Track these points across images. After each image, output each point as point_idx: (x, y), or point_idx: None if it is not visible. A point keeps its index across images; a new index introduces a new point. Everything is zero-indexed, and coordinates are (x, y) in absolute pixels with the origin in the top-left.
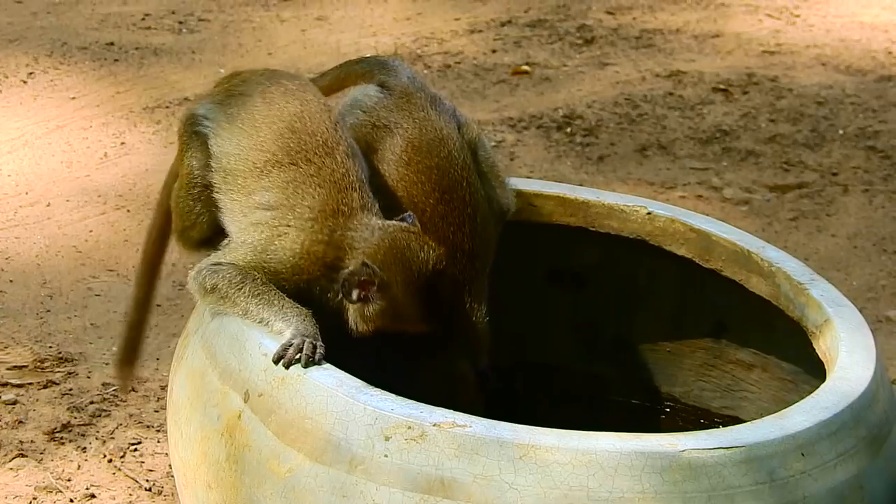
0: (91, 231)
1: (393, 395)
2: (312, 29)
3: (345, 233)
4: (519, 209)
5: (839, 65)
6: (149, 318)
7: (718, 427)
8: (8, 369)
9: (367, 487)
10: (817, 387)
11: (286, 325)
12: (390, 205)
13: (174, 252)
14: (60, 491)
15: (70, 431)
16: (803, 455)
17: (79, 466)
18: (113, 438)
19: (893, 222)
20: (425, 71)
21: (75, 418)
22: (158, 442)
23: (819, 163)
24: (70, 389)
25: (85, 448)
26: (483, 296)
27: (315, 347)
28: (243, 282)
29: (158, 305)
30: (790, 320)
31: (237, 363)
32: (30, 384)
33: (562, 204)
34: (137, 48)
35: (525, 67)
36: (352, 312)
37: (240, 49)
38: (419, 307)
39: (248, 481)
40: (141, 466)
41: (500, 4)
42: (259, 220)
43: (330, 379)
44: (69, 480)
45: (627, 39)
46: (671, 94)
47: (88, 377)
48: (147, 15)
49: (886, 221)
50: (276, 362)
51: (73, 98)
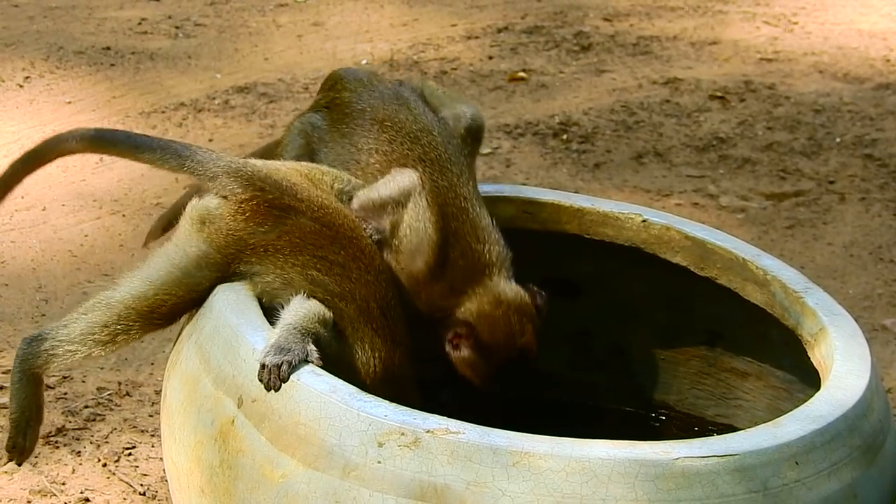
0: (87, 235)
1: (386, 402)
2: (309, 35)
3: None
4: (513, 216)
5: (837, 72)
6: None
7: (713, 435)
8: (3, 373)
9: (361, 493)
10: (812, 395)
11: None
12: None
13: None
14: (55, 495)
15: (65, 435)
16: (797, 464)
17: (73, 470)
18: (107, 443)
19: (890, 231)
20: (421, 77)
21: (70, 422)
22: (153, 446)
23: (816, 171)
24: (65, 394)
25: (79, 452)
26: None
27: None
28: None
29: None
30: (785, 329)
31: (231, 369)
32: None
33: (557, 211)
34: (134, 53)
35: (521, 74)
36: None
37: (236, 54)
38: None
39: (242, 487)
40: (135, 471)
41: (497, 11)
42: None
43: (324, 385)
44: (63, 484)
45: (624, 46)
46: (668, 102)
47: (83, 381)
48: (143, 20)
49: (883, 230)
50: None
51: (70, 102)
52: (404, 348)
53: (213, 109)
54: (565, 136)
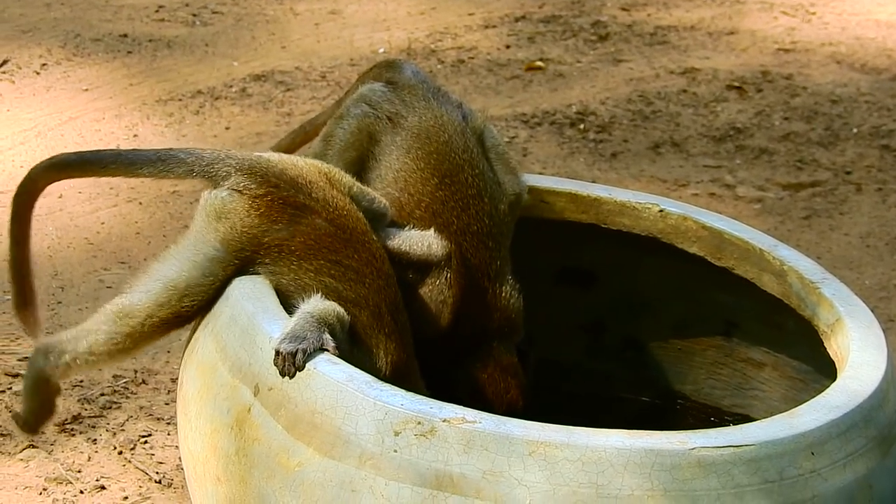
0: (103, 223)
1: (402, 391)
2: (326, 23)
3: None
4: (531, 206)
5: (854, 63)
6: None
7: (729, 425)
8: (19, 360)
9: (377, 482)
10: (828, 386)
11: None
12: (392, 195)
13: None
14: (70, 482)
15: (80, 423)
16: (813, 454)
17: (89, 458)
18: (123, 430)
19: None
20: (439, 66)
21: (86, 410)
22: (169, 434)
23: (833, 161)
24: (80, 381)
25: (95, 440)
26: (505, 275)
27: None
28: None
29: None
30: (802, 319)
31: (247, 357)
32: None
33: (573, 201)
34: (151, 40)
35: (539, 63)
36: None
37: (253, 42)
38: None
39: (258, 475)
40: (151, 459)
41: (515, 0)
42: None
43: (340, 374)
44: (79, 472)
45: (642, 36)
46: (685, 92)
47: (99, 369)
48: (161, 7)
49: None
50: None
51: (86, 90)
52: (411, 352)
53: (230, 97)
54: (582, 126)
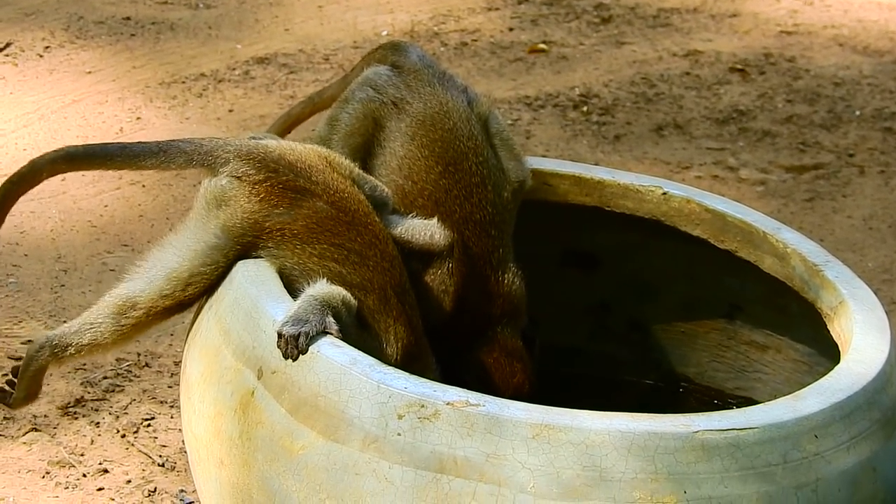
0: (106, 206)
1: (406, 374)
2: (329, 5)
3: None
4: (534, 189)
5: (857, 46)
6: None
7: (732, 408)
8: (22, 343)
9: (380, 466)
10: (831, 369)
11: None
12: (396, 182)
13: None
14: (73, 465)
15: (83, 406)
16: (816, 437)
17: (92, 441)
18: (126, 414)
19: None
20: (442, 49)
21: (89, 393)
22: (172, 418)
23: (835, 144)
24: (83, 365)
25: (98, 423)
26: (507, 262)
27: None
28: None
29: None
30: (805, 302)
31: (251, 340)
32: None
33: (577, 183)
34: (154, 23)
35: (542, 46)
36: None
37: (256, 25)
38: None
39: (261, 458)
40: (154, 442)
41: None
42: None
43: (343, 357)
44: (82, 455)
45: (644, 18)
46: (688, 74)
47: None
48: None
49: None
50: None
51: (89, 72)
52: (420, 333)
53: (234, 80)
54: (585, 108)
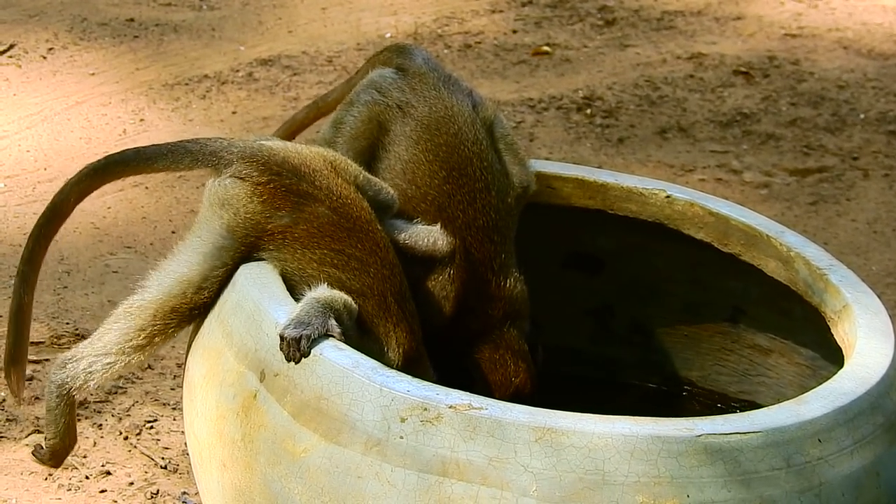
0: (109, 208)
1: (408, 377)
2: (333, 7)
3: None
4: (537, 191)
5: (861, 48)
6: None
7: (735, 412)
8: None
9: (383, 469)
10: (835, 372)
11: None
12: (400, 186)
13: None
14: (76, 468)
15: (86, 408)
16: (820, 441)
17: (94, 443)
18: (129, 416)
19: None
20: (445, 51)
21: (91, 395)
22: (174, 420)
23: (839, 147)
24: None
25: (101, 425)
26: (509, 268)
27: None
28: None
29: None
30: (808, 306)
31: (253, 343)
32: (46, 360)
33: (580, 186)
34: (157, 25)
35: (545, 48)
36: None
37: (260, 27)
38: None
39: (263, 461)
40: (156, 444)
41: None
42: None
43: (346, 359)
44: (85, 457)
45: (648, 21)
46: (692, 77)
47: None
48: None
49: None
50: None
51: (93, 74)
52: (420, 340)
53: (237, 82)
54: (589, 111)
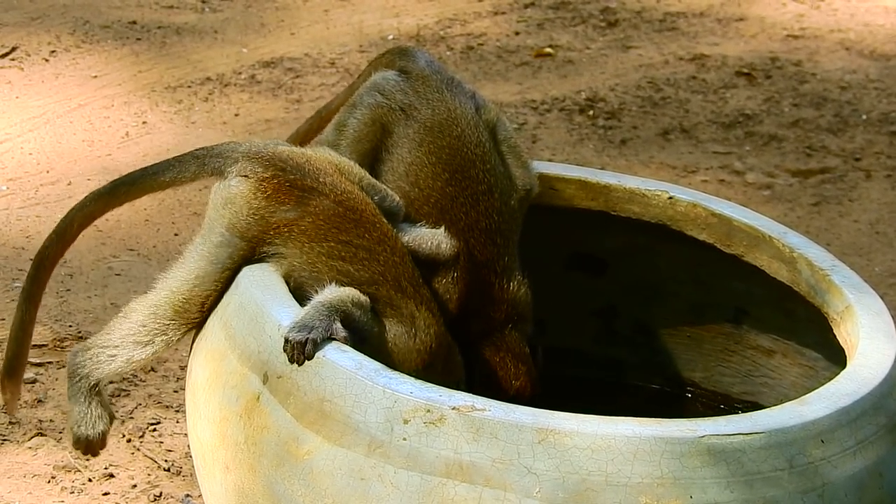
0: (112, 211)
1: (412, 379)
2: (335, 9)
3: None
4: (540, 193)
5: (863, 49)
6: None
7: (738, 413)
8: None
9: (386, 470)
10: (838, 373)
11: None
12: (403, 189)
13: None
14: (79, 470)
15: None
16: (823, 442)
17: None
18: (132, 418)
19: None
20: (448, 53)
21: None
22: (177, 422)
23: (842, 148)
24: None
25: None
26: (512, 270)
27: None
28: None
29: None
30: (811, 306)
31: (256, 345)
32: (49, 363)
33: (583, 188)
34: (160, 27)
35: (548, 50)
36: None
37: (262, 29)
38: None
39: (267, 463)
40: (160, 446)
41: None
42: None
43: (349, 361)
44: (88, 460)
45: (651, 22)
46: (694, 78)
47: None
48: None
49: None
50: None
51: (95, 77)
52: (442, 321)
53: (239, 84)
54: (591, 113)
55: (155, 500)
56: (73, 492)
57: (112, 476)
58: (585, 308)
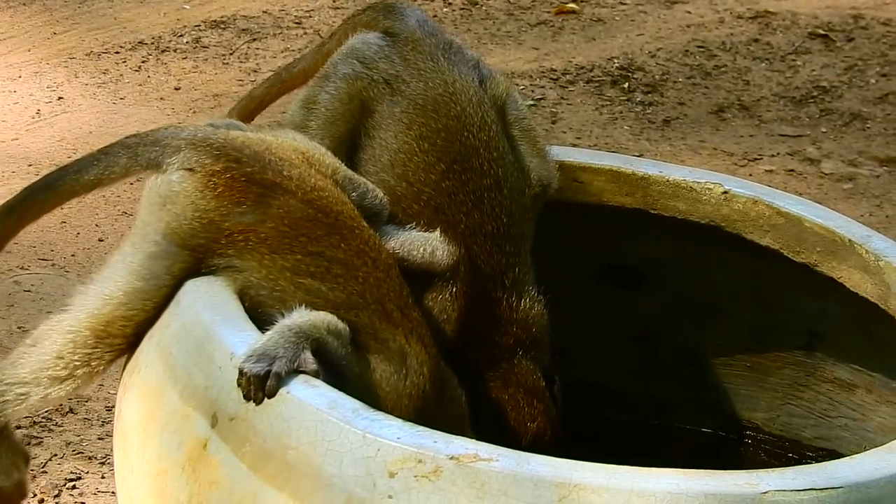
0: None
1: (400, 421)
2: None
3: None
4: (562, 187)
5: None
6: None
7: (811, 462)
8: None
9: None
10: None
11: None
12: (388, 183)
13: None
14: None
15: None
16: None
17: None
18: (45, 473)
19: None
20: (445, 9)
21: None
22: (103, 477)
23: None
24: None
25: None
26: (524, 284)
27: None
28: None
29: None
30: None
31: (203, 378)
32: None
33: (616, 180)
34: None
35: (572, 5)
36: None
37: None
38: None
39: None
40: None
41: None
42: None
43: (320, 399)
44: None
45: None
46: (756, 41)
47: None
48: None
49: None
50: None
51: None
52: (438, 354)
53: (181, 49)
54: (627, 85)
55: None
56: None
57: None
58: (620, 333)
